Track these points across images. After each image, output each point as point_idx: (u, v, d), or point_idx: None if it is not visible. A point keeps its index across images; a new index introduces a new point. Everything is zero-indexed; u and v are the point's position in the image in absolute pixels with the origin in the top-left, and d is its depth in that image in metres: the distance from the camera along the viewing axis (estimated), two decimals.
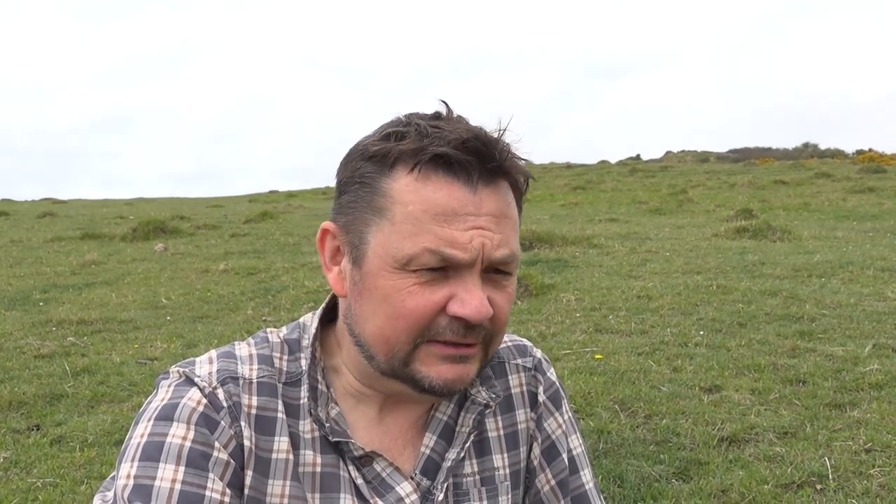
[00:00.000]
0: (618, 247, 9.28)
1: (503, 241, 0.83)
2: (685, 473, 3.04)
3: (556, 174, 28.21)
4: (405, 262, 0.81)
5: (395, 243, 0.81)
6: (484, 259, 0.82)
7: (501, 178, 0.84)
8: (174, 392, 0.85)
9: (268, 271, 8.71)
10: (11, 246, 12.57)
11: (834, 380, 3.96)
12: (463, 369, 0.85)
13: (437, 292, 0.82)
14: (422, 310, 0.82)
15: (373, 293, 0.84)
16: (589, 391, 3.94)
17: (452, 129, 0.82)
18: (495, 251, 0.82)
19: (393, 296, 0.82)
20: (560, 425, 1.03)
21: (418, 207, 0.81)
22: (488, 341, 0.87)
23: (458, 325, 0.82)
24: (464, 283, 0.82)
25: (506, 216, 0.84)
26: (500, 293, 0.85)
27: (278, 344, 0.93)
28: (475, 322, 0.82)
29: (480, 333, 0.84)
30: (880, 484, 2.86)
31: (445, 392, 0.86)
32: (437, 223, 0.80)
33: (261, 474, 0.85)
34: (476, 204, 0.81)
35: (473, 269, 0.82)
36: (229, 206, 22.86)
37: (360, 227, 0.85)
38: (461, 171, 0.81)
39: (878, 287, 6.23)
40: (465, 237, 0.80)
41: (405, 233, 0.81)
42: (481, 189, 0.82)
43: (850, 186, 18.09)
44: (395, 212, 0.82)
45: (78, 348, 5.36)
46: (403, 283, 0.81)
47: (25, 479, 3.23)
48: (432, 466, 0.93)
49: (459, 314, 0.81)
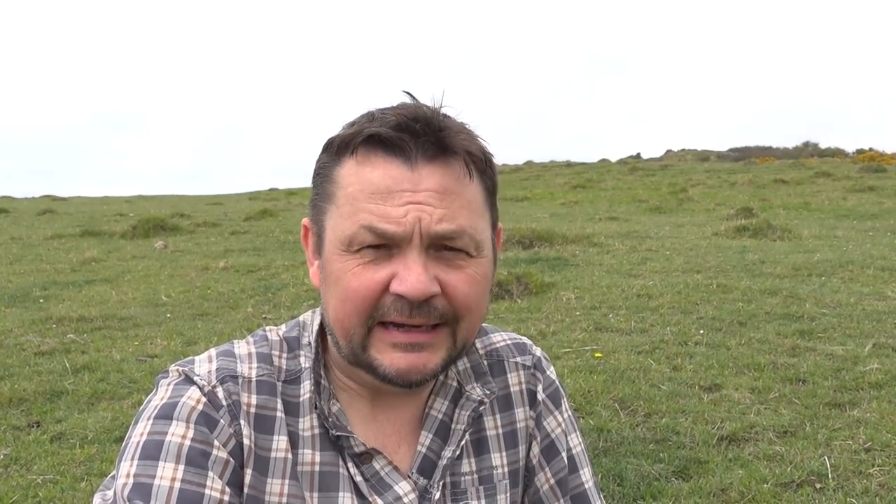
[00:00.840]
0: (618, 245, 9.28)
1: (447, 216, 0.81)
2: (685, 472, 3.04)
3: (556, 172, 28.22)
4: (347, 243, 0.82)
5: (339, 225, 0.83)
6: (423, 234, 0.81)
7: (449, 156, 0.83)
8: (174, 391, 0.85)
9: (268, 269, 8.71)
10: (11, 243, 12.58)
11: (834, 379, 3.96)
12: (418, 358, 0.84)
13: (379, 271, 0.82)
14: (364, 290, 0.82)
15: (328, 278, 0.86)
16: (589, 390, 3.94)
17: (396, 111, 0.83)
18: (435, 225, 0.81)
19: (341, 277, 0.83)
20: (559, 424, 1.03)
21: (356, 188, 0.82)
22: (452, 322, 0.85)
23: (402, 304, 0.82)
24: (404, 260, 0.82)
25: (453, 192, 0.83)
26: (456, 273, 0.84)
27: (277, 342, 0.93)
28: (413, 298, 0.81)
29: (432, 313, 0.83)
30: (880, 483, 2.86)
31: (401, 382, 0.84)
32: (373, 201, 0.81)
33: (260, 473, 0.85)
34: (414, 181, 0.81)
35: (412, 244, 0.81)
36: (229, 203, 22.86)
37: (320, 217, 0.88)
38: (397, 149, 0.82)
39: (878, 286, 6.23)
40: (400, 212, 0.80)
41: (345, 214, 0.83)
42: (422, 166, 0.82)
43: (850, 185, 18.10)
44: (339, 195, 0.84)
45: (78, 345, 5.36)
46: (349, 264, 0.83)
47: (26, 475, 3.23)
48: (429, 465, 0.93)
49: (398, 291, 0.81)
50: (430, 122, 0.82)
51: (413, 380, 0.84)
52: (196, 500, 0.79)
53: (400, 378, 0.84)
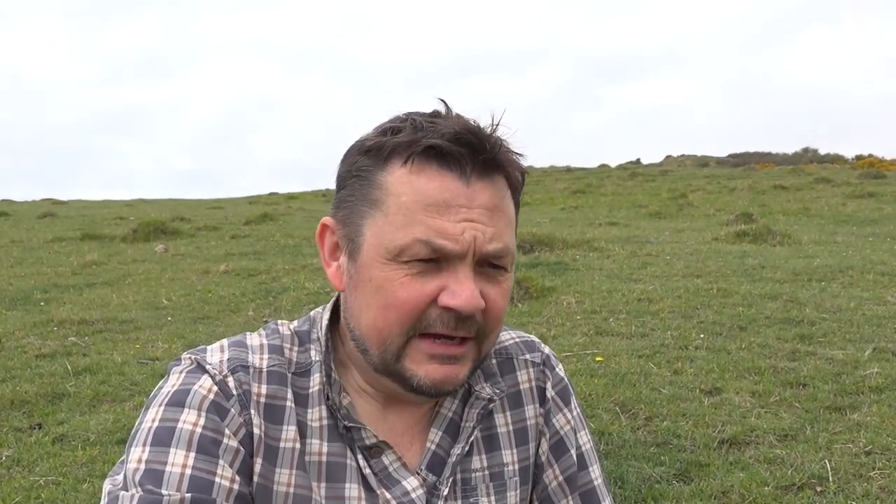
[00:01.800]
0: (618, 250, 9.29)
1: (496, 234, 0.83)
2: (686, 475, 3.04)
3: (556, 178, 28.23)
4: (397, 253, 0.82)
5: (388, 234, 0.82)
6: (476, 252, 0.82)
7: (496, 173, 0.85)
8: (186, 378, 0.86)
9: (268, 273, 8.71)
10: (12, 246, 12.57)
11: (834, 383, 3.97)
12: (452, 370, 0.85)
13: (428, 284, 0.82)
14: (413, 301, 0.82)
15: (366, 285, 0.85)
16: (590, 393, 3.94)
17: (447, 123, 0.83)
18: (487, 244, 0.82)
19: (385, 286, 0.83)
20: (569, 421, 1.04)
21: (411, 198, 0.82)
22: (481, 339, 0.86)
23: (448, 317, 0.83)
24: (455, 275, 0.82)
25: (500, 210, 0.84)
26: (495, 288, 0.85)
27: (289, 335, 0.94)
28: (466, 313, 0.82)
29: (473, 327, 0.84)
30: (880, 486, 2.87)
31: (433, 392, 0.85)
32: (429, 214, 0.81)
33: (269, 462, 0.86)
34: (469, 196, 0.82)
35: (465, 261, 0.82)
36: (229, 207, 22.86)
37: (356, 220, 0.86)
38: (454, 163, 0.82)
39: (878, 291, 6.24)
40: (457, 229, 0.81)
41: (397, 224, 0.82)
42: (474, 182, 0.83)
43: (849, 191, 18.11)
44: (389, 203, 0.83)
45: (79, 348, 5.37)
46: (395, 273, 0.82)
47: (28, 477, 3.23)
48: (438, 462, 0.94)
49: (450, 305, 0.82)
50: (487, 138, 0.83)
51: (446, 390, 0.86)
52: (206, 488, 0.80)
53: (434, 388, 0.85)
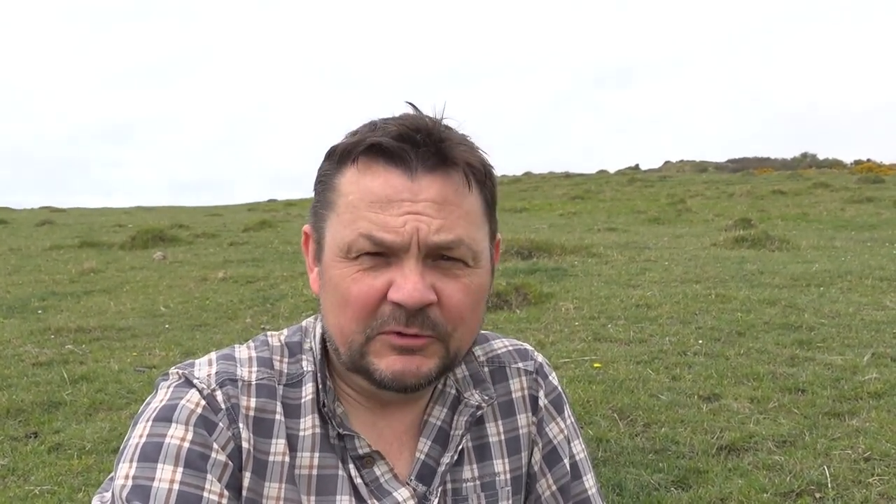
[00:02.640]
0: (616, 256, 9.28)
1: (444, 226, 0.83)
2: (684, 482, 3.03)
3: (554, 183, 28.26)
4: (346, 250, 0.83)
5: (339, 233, 0.84)
6: (420, 244, 0.82)
7: (448, 167, 0.84)
8: (173, 393, 0.85)
9: (266, 280, 8.70)
10: (10, 254, 12.57)
11: (833, 389, 3.96)
12: (411, 361, 0.84)
13: (378, 278, 0.83)
14: (364, 295, 0.83)
15: (327, 284, 0.87)
16: (588, 400, 3.93)
17: (396, 121, 0.85)
18: (433, 235, 0.82)
19: (340, 284, 0.84)
20: (562, 430, 1.03)
21: (357, 196, 0.84)
22: (444, 336, 0.85)
23: (399, 313, 0.82)
24: (401, 269, 0.83)
25: (452, 203, 0.84)
26: (452, 282, 0.84)
27: (278, 347, 0.94)
28: (410, 306, 0.81)
29: (426, 323, 0.83)
30: (879, 493, 2.86)
31: (396, 385, 0.84)
32: (372, 210, 0.82)
33: (258, 476, 0.85)
34: (413, 190, 0.82)
35: (409, 253, 0.82)
36: (228, 214, 22.88)
37: (320, 225, 0.89)
38: (399, 159, 0.83)
39: (877, 296, 6.23)
40: (398, 222, 0.82)
41: (345, 221, 0.84)
42: (421, 177, 0.83)
43: (848, 196, 18.13)
44: (339, 203, 0.85)
45: (76, 356, 5.35)
46: (348, 270, 0.84)
47: (23, 486, 3.22)
48: (427, 471, 0.93)
49: (395, 299, 0.82)
50: (430, 133, 0.83)
51: (408, 383, 0.84)
52: (194, 503, 0.79)
53: (395, 381, 0.84)
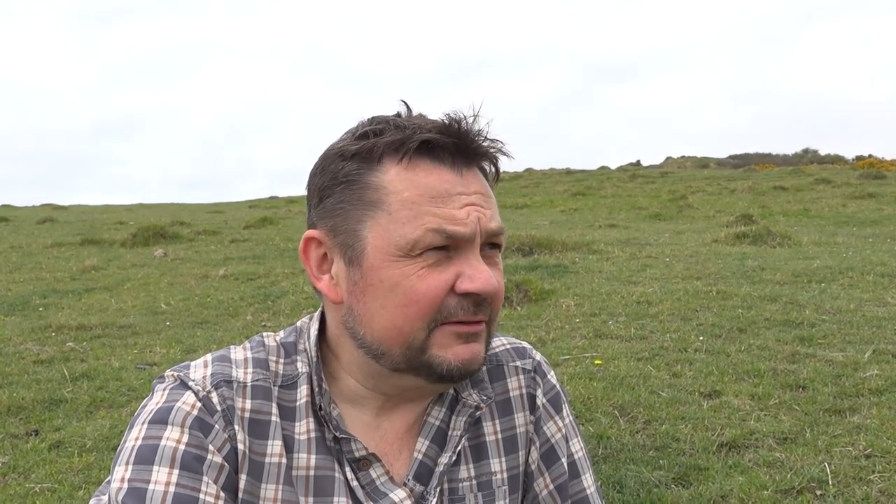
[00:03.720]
0: (617, 252, 9.27)
1: (493, 215, 0.87)
2: (685, 479, 3.03)
3: (556, 180, 28.22)
4: (409, 248, 0.82)
5: (396, 231, 0.83)
6: (482, 232, 0.85)
7: (483, 161, 0.89)
8: (169, 396, 0.85)
9: (267, 277, 8.70)
10: (11, 251, 12.57)
11: (834, 385, 3.96)
12: (476, 348, 0.87)
13: (444, 272, 0.83)
14: (434, 291, 0.83)
15: (377, 287, 0.84)
16: (588, 397, 3.93)
17: (425, 120, 0.87)
18: (490, 223, 0.86)
19: (402, 283, 0.83)
20: (560, 429, 1.03)
21: (414, 193, 0.83)
22: (493, 319, 0.89)
23: (467, 303, 0.84)
24: (468, 260, 0.84)
25: (489, 195, 0.88)
26: (495, 268, 0.88)
27: (274, 347, 0.93)
28: (487, 294, 0.84)
29: (488, 309, 0.86)
30: (880, 490, 2.85)
31: (463, 374, 0.86)
32: (434, 204, 0.83)
33: (254, 478, 0.85)
34: (464, 184, 0.85)
35: (474, 244, 0.84)
36: (229, 211, 22.86)
37: (351, 226, 0.86)
38: (445, 155, 0.85)
39: (878, 292, 6.23)
40: (463, 213, 0.83)
41: (404, 219, 0.83)
42: (465, 171, 0.86)
43: (849, 192, 18.10)
44: (391, 201, 0.84)
45: (77, 353, 5.35)
46: (410, 268, 0.83)
47: (24, 484, 3.22)
48: (425, 471, 0.93)
49: (470, 289, 0.83)
50: (469, 129, 0.86)
51: (473, 369, 0.87)
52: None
53: (464, 369, 0.86)
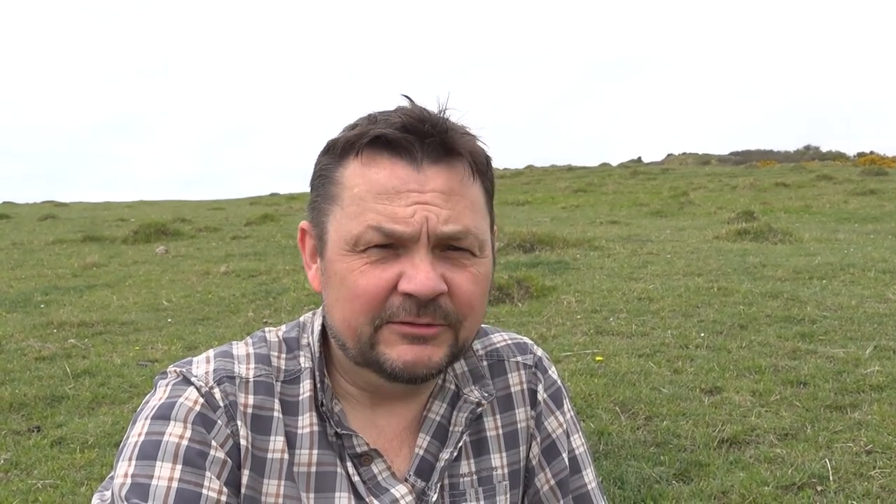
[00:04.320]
0: (619, 249, 9.27)
1: (452, 216, 0.83)
2: (685, 475, 3.03)
3: (557, 176, 28.19)
4: (354, 243, 0.83)
5: (345, 226, 0.84)
6: (430, 234, 0.82)
7: (452, 157, 0.85)
8: (171, 391, 0.86)
9: (269, 273, 8.71)
10: (13, 248, 12.58)
11: (835, 381, 3.96)
12: (423, 351, 0.84)
13: (387, 270, 0.82)
14: (373, 288, 0.82)
15: (332, 279, 0.85)
16: (589, 393, 3.93)
17: (399, 113, 0.85)
18: (442, 225, 0.82)
19: (347, 277, 0.83)
20: (561, 424, 1.03)
21: (363, 188, 0.83)
22: (455, 324, 0.85)
23: (410, 304, 0.82)
24: (411, 259, 0.82)
25: (458, 193, 0.84)
26: (461, 272, 0.85)
27: (276, 343, 0.93)
28: (423, 296, 0.81)
29: (438, 313, 0.83)
30: (881, 485, 2.86)
31: (407, 375, 0.84)
32: (380, 201, 0.82)
33: (257, 473, 0.85)
34: (420, 181, 0.82)
35: (419, 244, 0.82)
36: (230, 208, 22.85)
37: (321, 219, 0.88)
38: (403, 150, 0.83)
39: (880, 289, 6.22)
40: (407, 212, 0.81)
41: (351, 214, 0.83)
42: (427, 167, 0.83)
43: (851, 189, 18.05)
44: (344, 196, 0.84)
45: (79, 350, 5.36)
46: (355, 263, 0.83)
47: (26, 480, 3.23)
48: (426, 467, 0.93)
49: (406, 290, 0.82)
50: (435, 124, 0.84)
51: (419, 373, 0.84)
52: (193, 500, 0.79)
53: (407, 371, 0.84)
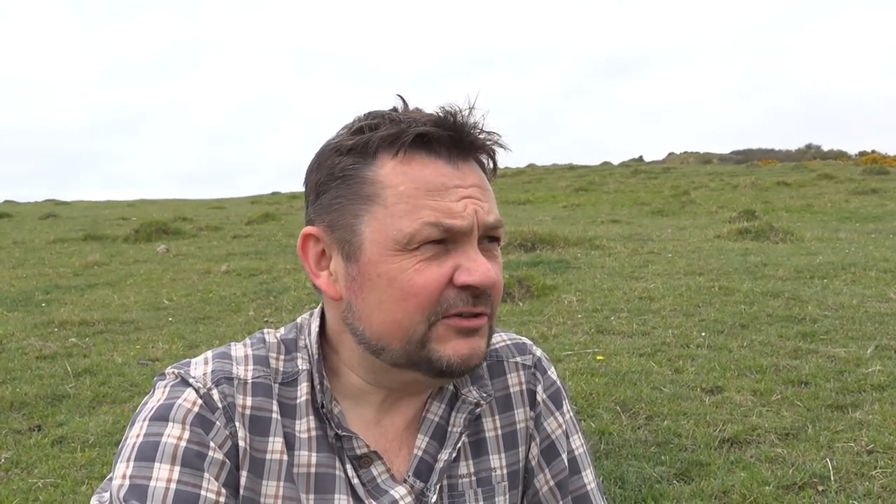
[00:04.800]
0: (620, 248, 9.27)
1: (491, 208, 0.86)
2: (686, 475, 3.03)
3: (558, 175, 28.18)
4: (406, 242, 0.82)
5: (393, 225, 0.83)
6: (479, 225, 0.84)
7: (479, 154, 0.88)
8: (170, 393, 0.85)
9: (269, 272, 8.71)
10: (14, 247, 12.59)
11: (836, 381, 3.96)
12: (476, 342, 0.86)
13: (442, 265, 0.83)
14: (432, 284, 0.83)
15: (376, 281, 0.84)
16: (590, 392, 3.93)
17: (420, 113, 0.86)
18: (487, 216, 0.85)
19: (399, 277, 0.83)
20: (560, 425, 1.03)
21: (410, 186, 0.83)
22: (493, 313, 0.88)
23: (466, 295, 0.84)
24: (465, 252, 0.84)
25: (486, 187, 0.88)
26: (493, 262, 0.88)
27: (275, 344, 0.93)
28: (484, 287, 0.84)
29: (488, 302, 0.86)
30: (882, 485, 2.85)
31: (462, 369, 0.86)
32: (431, 197, 0.82)
33: (255, 475, 0.85)
34: (460, 177, 0.85)
35: (471, 236, 0.84)
36: (231, 207, 22.87)
37: (349, 221, 0.86)
38: (441, 148, 0.85)
39: (881, 288, 6.22)
40: (460, 206, 0.83)
41: (401, 212, 0.83)
42: (461, 163, 0.86)
43: (852, 188, 18.04)
44: (387, 195, 0.83)
45: (80, 349, 5.37)
46: (408, 262, 0.83)
47: (26, 479, 3.24)
48: (425, 468, 0.93)
49: (468, 282, 0.83)
50: (464, 121, 0.85)
51: (473, 364, 0.86)
52: (192, 501, 0.79)
53: (464, 364, 0.85)
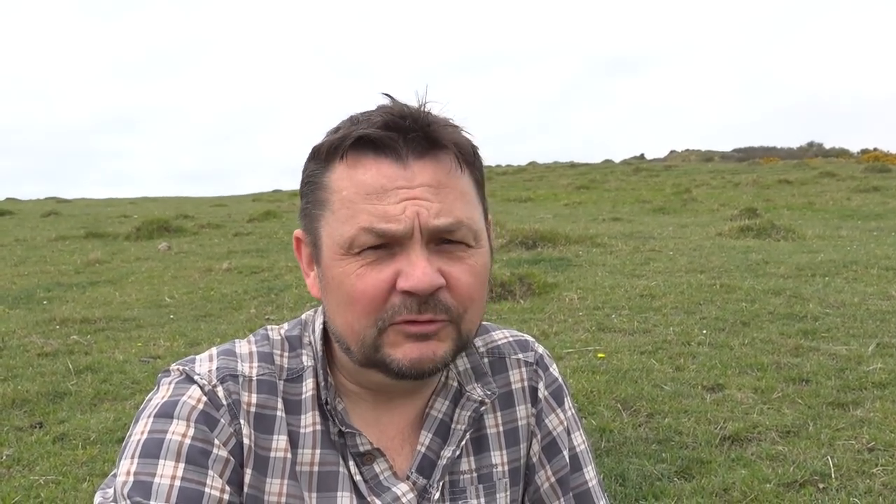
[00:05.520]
0: (621, 246, 9.26)
1: (443, 209, 0.82)
2: (687, 472, 3.03)
3: (560, 173, 28.17)
4: (348, 246, 0.82)
5: (337, 230, 0.83)
6: (422, 229, 0.81)
7: (438, 150, 0.84)
8: (174, 389, 0.86)
9: (271, 270, 8.72)
10: (16, 245, 12.61)
11: (837, 379, 3.96)
12: (428, 347, 0.83)
13: (383, 271, 0.82)
14: (372, 290, 0.82)
15: (330, 284, 0.85)
16: (591, 390, 3.93)
17: (379, 111, 0.84)
18: (434, 219, 0.81)
19: (345, 282, 0.83)
20: (562, 422, 1.03)
21: (351, 191, 0.82)
22: (456, 318, 0.84)
23: (410, 301, 0.81)
24: (407, 257, 0.82)
25: (447, 186, 0.83)
26: (458, 265, 0.84)
27: (279, 341, 0.93)
28: (421, 293, 0.81)
29: (438, 307, 0.82)
30: (883, 483, 2.86)
31: (414, 373, 0.84)
32: (369, 202, 0.81)
33: (260, 472, 0.86)
34: (407, 177, 0.82)
35: (413, 240, 0.81)
36: (233, 205, 22.87)
37: (314, 226, 0.87)
38: (388, 148, 0.82)
39: (882, 286, 6.22)
40: (398, 209, 0.81)
41: (343, 218, 0.82)
42: (413, 162, 0.83)
43: (854, 186, 18.02)
44: (334, 200, 0.84)
45: (81, 346, 5.37)
46: (351, 267, 0.82)
47: (28, 476, 3.24)
48: (428, 465, 0.93)
49: (405, 287, 0.81)
50: (416, 118, 0.83)
51: (425, 369, 0.84)
52: (196, 498, 0.79)
53: (413, 368, 0.83)
